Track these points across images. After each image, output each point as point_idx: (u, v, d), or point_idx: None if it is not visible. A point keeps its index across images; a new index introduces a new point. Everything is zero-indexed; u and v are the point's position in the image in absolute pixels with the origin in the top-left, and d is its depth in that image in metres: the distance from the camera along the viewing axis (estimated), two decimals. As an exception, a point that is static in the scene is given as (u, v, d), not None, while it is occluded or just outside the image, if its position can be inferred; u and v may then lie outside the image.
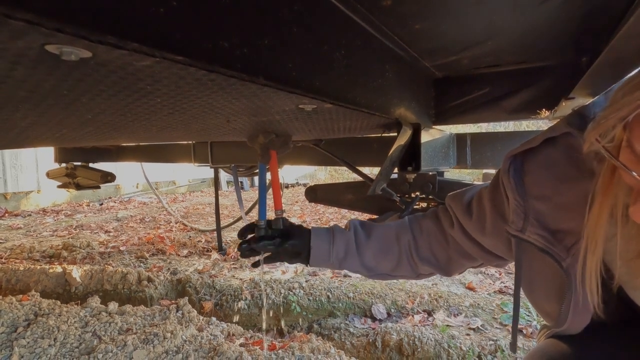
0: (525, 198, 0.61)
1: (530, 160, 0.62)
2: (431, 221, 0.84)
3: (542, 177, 0.60)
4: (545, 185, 0.60)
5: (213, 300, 2.48)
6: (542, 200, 0.60)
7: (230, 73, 0.42)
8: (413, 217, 0.87)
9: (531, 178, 0.61)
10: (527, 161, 0.62)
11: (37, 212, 5.76)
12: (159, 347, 1.65)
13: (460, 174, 7.53)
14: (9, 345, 1.63)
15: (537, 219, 0.60)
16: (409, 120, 0.96)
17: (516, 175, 0.62)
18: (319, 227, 0.87)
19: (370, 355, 1.98)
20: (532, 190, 0.61)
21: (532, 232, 0.60)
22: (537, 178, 0.61)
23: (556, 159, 0.59)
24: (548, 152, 0.60)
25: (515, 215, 0.62)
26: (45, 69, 0.37)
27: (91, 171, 2.47)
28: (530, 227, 0.60)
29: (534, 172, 0.61)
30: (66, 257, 3.29)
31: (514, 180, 0.62)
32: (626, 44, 0.52)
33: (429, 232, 0.83)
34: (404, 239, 0.83)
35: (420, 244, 0.83)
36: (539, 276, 0.65)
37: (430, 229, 0.83)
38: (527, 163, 0.62)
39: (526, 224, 0.60)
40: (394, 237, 0.84)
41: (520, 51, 0.92)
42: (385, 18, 0.69)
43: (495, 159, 1.41)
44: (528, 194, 0.61)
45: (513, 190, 0.62)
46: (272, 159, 1.04)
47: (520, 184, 0.62)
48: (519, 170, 0.63)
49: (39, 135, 0.89)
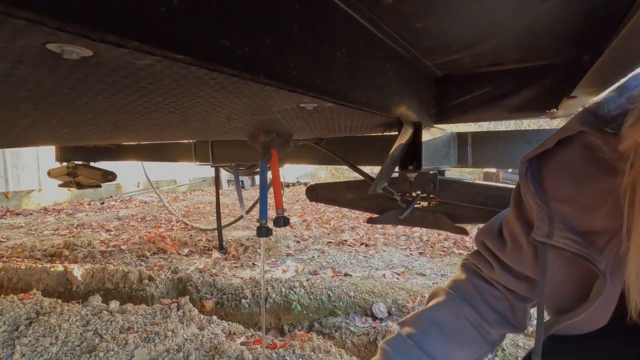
0: (547, 202, 0.58)
1: (547, 163, 0.60)
2: (472, 277, 0.76)
3: (561, 179, 0.58)
4: (566, 187, 0.57)
5: (214, 299, 2.49)
6: (566, 203, 0.58)
7: (232, 72, 0.42)
8: (453, 286, 0.76)
9: (551, 181, 0.59)
10: (543, 164, 0.60)
11: (39, 211, 5.77)
12: (160, 346, 1.65)
13: (461, 173, 7.53)
14: (10, 343, 1.63)
15: (563, 223, 0.58)
16: (410, 119, 0.96)
17: (534, 180, 0.60)
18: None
19: (371, 354, 1.99)
20: (553, 193, 0.59)
21: (561, 236, 0.57)
22: (556, 181, 0.59)
23: (573, 159, 0.57)
24: (564, 153, 0.58)
25: (539, 220, 0.59)
26: (47, 68, 0.37)
27: (92, 170, 2.47)
28: (558, 232, 0.58)
29: (553, 175, 0.59)
30: (67, 256, 3.29)
31: (532, 184, 0.59)
32: (629, 42, 0.51)
33: (479, 290, 0.74)
34: (463, 313, 0.72)
35: (480, 308, 0.72)
36: (564, 282, 0.62)
37: (478, 286, 0.74)
38: (544, 166, 0.60)
39: (552, 228, 0.58)
40: (454, 319, 0.72)
41: (521, 50, 0.91)
42: (386, 16, 0.69)
43: (496, 158, 1.41)
44: (550, 197, 0.59)
45: (533, 194, 0.59)
46: (273, 158, 1.04)
47: (540, 188, 0.59)
48: (537, 174, 0.60)
49: (40, 135, 0.89)
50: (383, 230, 4.21)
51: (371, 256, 3.25)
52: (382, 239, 3.84)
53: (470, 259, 0.78)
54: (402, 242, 3.73)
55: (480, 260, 0.75)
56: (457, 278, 0.78)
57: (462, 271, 0.79)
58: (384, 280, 2.64)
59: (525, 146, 1.37)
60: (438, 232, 3.84)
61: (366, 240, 3.76)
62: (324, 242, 3.77)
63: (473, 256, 0.78)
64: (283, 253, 3.40)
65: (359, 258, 3.20)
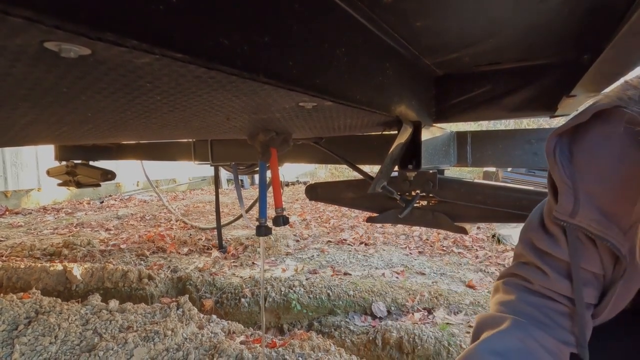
0: (575, 179, 0.55)
1: (580, 138, 0.56)
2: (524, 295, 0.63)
3: (597, 155, 0.54)
4: (602, 163, 0.54)
5: (213, 298, 2.49)
6: (598, 180, 0.54)
7: (231, 71, 0.42)
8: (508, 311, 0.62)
9: (583, 157, 0.55)
10: (576, 140, 0.56)
11: (38, 210, 5.76)
12: (160, 345, 1.65)
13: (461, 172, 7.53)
14: (10, 343, 1.63)
15: (590, 202, 0.55)
16: (409, 118, 0.96)
17: (562, 155, 0.56)
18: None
19: (371, 353, 1.99)
20: (585, 169, 0.55)
21: (585, 216, 0.55)
22: (591, 156, 0.55)
23: (613, 134, 0.53)
24: (602, 127, 0.54)
25: (564, 197, 0.56)
26: (45, 66, 0.37)
27: (91, 169, 2.47)
28: (582, 211, 0.55)
29: (587, 150, 0.55)
30: (67, 255, 3.29)
31: (560, 160, 0.56)
32: (629, 41, 0.51)
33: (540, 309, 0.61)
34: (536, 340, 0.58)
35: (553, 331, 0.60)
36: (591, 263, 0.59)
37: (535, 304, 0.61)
38: (577, 142, 0.56)
39: (577, 206, 0.55)
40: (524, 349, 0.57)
41: (521, 49, 0.91)
42: (386, 15, 0.69)
43: (496, 157, 1.41)
44: (579, 174, 0.55)
45: (560, 170, 0.56)
46: (273, 157, 1.04)
47: (568, 164, 0.56)
48: (565, 150, 0.57)
49: (39, 133, 0.89)
50: (382, 229, 4.21)
51: (371, 255, 3.25)
52: (381, 238, 3.84)
53: (514, 272, 0.66)
54: (402, 241, 3.73)
55: (527, 270, 0.63)
56: (503, 300, 0.64)
57: (505, 291, 0.65)
58: (383, 279, 2.64)
59: (525, 145, 1.38)
60: (437, 231, 3.84)
61: (366, 239, 3.77)
62: (323, 241, 3.77)
63: (516, 268, 0.65)
64: (282, 252, 3.40)
65: (359, 257, 3.20)
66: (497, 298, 0.67)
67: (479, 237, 3.74)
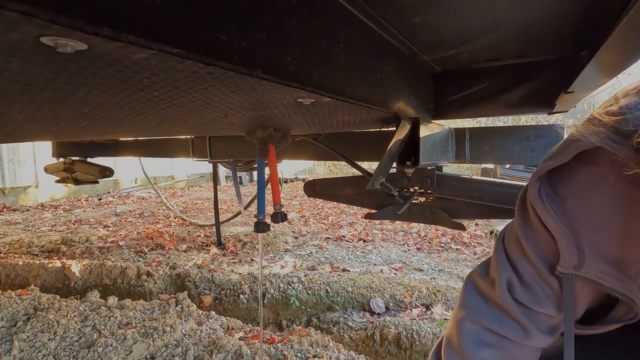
0: (573, 227, 0.50)
1: (566, 181, 0.51)
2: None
3: (590, 201, 0.50)
4: (599, 210, 0.49)
5: (212, 295, 2.49)
6: (599, 228, 0.50)
7: (228, 66, 0.42)
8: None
9: (577, 203, 0.51)
10: (560, 183, 0.52)
11: (36, 207, 5.75)
12: (159, 341, 1.66)
13: (459, 168, 7.54)
14: (9, 339, 1.63)
15: (595, 252, 0.50)
16: (407, 114, 0.96)
17: (552, 201, 0.51)
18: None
19: (369, 348, 2.00)
20: (581, 218, 0.50)
21: (593, 267, 0.50)
22: (585, 203, 0.50)
23: (604, 177, 0.49)
24: (589, 170, 0.50)
25: (566, 249, 0.51)
26: (41, 61, 0.37)
27: (89, 166, 2.47)
28: (589, 263, 0.50)
29: (578, 196, 0.51)
30: (65, 252, 3.29)
31: (551, 206, 0.51)
32: (626, 36, 0.51)
33: None
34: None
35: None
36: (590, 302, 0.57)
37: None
38: (563, 185, 0.52)
39: (582, 257, 0.50)
40: None
41: (519, 45, 0.91)
42: (384, 11, 0.68)
43: (494, 154, 1.41)
44: (577, 222, 0.50)
45: (555, 219, 0.51)
46: (271, 154, 1.04)
47: (561, 210, 0.51)
48: (551, 192, 0.52)
49: (36, 129, 0.89)
50: (381, 225, 4.22)
51: (369, 252, 3.26)
52: (380, 234, 3.85)
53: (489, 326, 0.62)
54: (400, 237, 3.74)
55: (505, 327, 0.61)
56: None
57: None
58: (381, 275, 2.65)
59: (523, 142, 1.38)
60: (436, 227, 3.85)
61: (364, 236, 3.77)
62: (322, 238, 3.77)
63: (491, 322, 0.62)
64: (281, 249, 3.40)
65: (357, 253, 3.21)
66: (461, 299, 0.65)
67: (477, 234, 3.75)
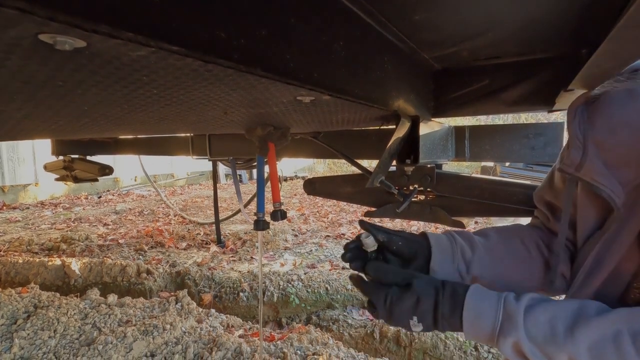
0: (587, 135, 0.60)
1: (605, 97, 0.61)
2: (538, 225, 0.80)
3: (615, 105, 0.59)
4: (617, 113, 0.58)
5: (212, 293, 2.49)
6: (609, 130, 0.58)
7: (228, 64, 0.42)
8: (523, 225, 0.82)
9: (601, 106, 0.60)
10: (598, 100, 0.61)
11: (35, 205, 5.75)
12: (159, 339, 1.66)
13: (459, 166, 7.54)
14: (9, 337, 1.64)
15: (596, 154, 0.59)
16: (407, 112, 0.95)
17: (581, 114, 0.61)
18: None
19: (369, 346, 2.01)
20: (598, 118, 0.59)
21: (589, 169, 0.59)
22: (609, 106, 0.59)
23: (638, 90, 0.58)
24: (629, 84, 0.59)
25: (573, 151, 0.60)
26: (40, 59, 0.37)
27: (89, 164, 2.46)
28: (588, 164, 0.59)
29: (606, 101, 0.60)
30: (65, 250, 3.29)
31: (579, 117, 0.61)
32: (626, 34, 0.51)
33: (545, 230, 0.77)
34: (529, 237, 0.75)
35: (545, 239, 0.75)
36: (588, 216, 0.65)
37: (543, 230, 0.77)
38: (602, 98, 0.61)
39: (584, 159, 0.59)
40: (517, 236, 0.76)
41: (520, 43, 0.91)
42: (384, 9, 0.68)
43: (494, 152, 1.41)
44: (592, 124, 0.60)
45: (575, 125, 0.61)
46: (271, 152, 1.04)
47: (584, 121, 0.61)
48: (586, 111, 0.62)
49: (35, 127, 0.88)
50: (381, 223, 4.22)
51: (369, 250, 3.26)
52: (379, 232, 3.85)
53: (536, 214, 0.82)
54: (400, 235, 3.74)
55: (540, 214, 0.79)
56: None
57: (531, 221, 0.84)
58: (381, 273, 2.65)
59: (522, 140, 1.38)
60: (435, 225, 3.85)
61: (364, 234, 3.78)
62: (321, 236, 3.78)
63: (538, 212, 0.82)
64: (281, 246, 3.41)
65: (357, 251, 3.21)
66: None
67: (477, 232, 3.75)
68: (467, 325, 0.57)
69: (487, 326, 0.56)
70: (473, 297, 0.58)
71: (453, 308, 0.58)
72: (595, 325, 0.50)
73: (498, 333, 0.55)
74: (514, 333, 0.54)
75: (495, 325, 0.55)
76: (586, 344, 0.50)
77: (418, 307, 0.59)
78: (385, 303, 0.61)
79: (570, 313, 0.53)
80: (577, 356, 0.50)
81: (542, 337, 0.52)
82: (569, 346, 0.51)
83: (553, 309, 0.54)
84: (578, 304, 0.55)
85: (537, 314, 0.54)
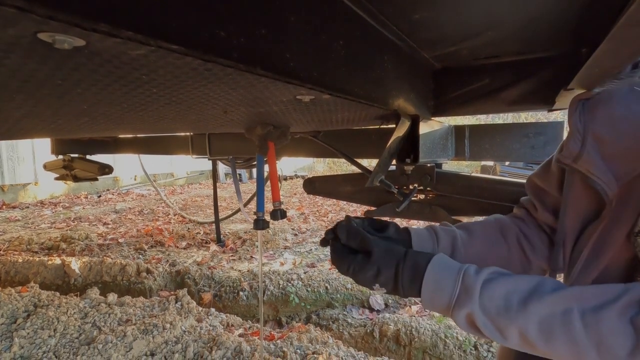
0: (587, 127, 0.61)
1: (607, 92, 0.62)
2: (523, 214, 0.81)
3: (618, 100, 0.60)
4: (620, 107, 0.59)
5: (212, 292, 2.50)
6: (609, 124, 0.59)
7: (227, 63, 0.42)
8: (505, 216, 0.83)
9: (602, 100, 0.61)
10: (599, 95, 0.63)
11: (35, 204, 5.75)
12: (159, 338, 1.66)
13: (459, 166, 7.54)
14: (9, 336, 1.64)
15: (594, 148, 0.60)
16: (407, 111, 0.95)
17: (583, 107, 0.63)
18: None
19: (368, 345, 2.01)
20: (600, 112, 0.60)
21: (586, 161, 0.60)
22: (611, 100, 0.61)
23: None
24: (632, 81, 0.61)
25: (572, 142, 0.62)
26: (39, 57, 0.37)
27: (88, 163, 2.46)
28: (585, 156, 0.60)
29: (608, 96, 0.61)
30: (65, 249, 3.29)
31: (580, 110, 0.62)
32: (626, 33, 0.51)
33: (527, 223, 0.79)
34: (510, 231, 0.77)
35: (527, 233, 0.77)
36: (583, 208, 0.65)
37: (526, 219, 0.79)
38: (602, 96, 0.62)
39: (582, 151, 0.60)
40: (498, 231, 0.78)
41: (520, 42, 0.91)
42: (384, 8, 0.68)
43: (494, 151, 1.41)
44: (592, 118, 0.61)
45: (576, 117, 0.62)
46: (270, 151, 1.04)
47: (585, 113, 0.62)
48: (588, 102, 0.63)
49: (34, 126, 0.88)
50: (380, 223, 4.22)
51: (368, 249, 3.26)
52: (379, 231, 3.86)
53: (522, 202, 0.84)
54: (400, 234, 3.74)
55: (527, 202, 0.81)
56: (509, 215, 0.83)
57: (515, 210, 0.85)
58: (381, 272, 2.66)
59: (522, 139, 1.38)
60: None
61: (364, 233, 3.78)
62: (321, 235, 3.77)
63: (524, 200, 0.84)
64: (281, 246, 3.41)
65: (357, 251, 3.22)
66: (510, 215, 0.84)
67: (476, 231, 3.75)
68: (425, 297, 0.59)
69: (444, 299, 0.57)
70: (433, 269, 0.59)
71: (412, 279, 0.60)
72: (547, 301, 0.51)
73: (454, 305, 0.56)
74: (468, 305, 0.54)
75: (452, 298, 0.56)
76: (537, 318, 0.51)
77: (379, 277, 0.61)
78: (348, 270, 0.64)
79: (526, 288, 0.54)
80: (526, 330, 0.51)
81: (495, 309, 0.53)
82: (520, 320, 0.51)
83: (511, 283, 0.55)
84: (537, 280, 0.55)
85: (494, 287, 0.55)
